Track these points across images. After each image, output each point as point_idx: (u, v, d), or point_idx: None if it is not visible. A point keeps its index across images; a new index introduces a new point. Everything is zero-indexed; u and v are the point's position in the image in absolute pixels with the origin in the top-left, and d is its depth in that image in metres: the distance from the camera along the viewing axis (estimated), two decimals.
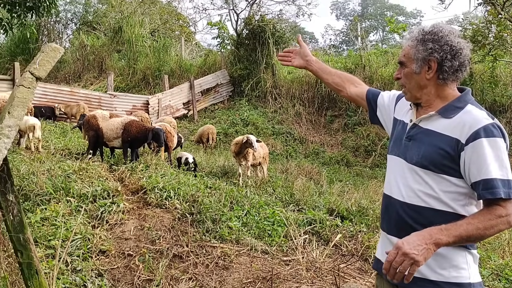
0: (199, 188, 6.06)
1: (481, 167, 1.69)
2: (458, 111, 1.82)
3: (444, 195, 1.79)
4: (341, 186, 9.02)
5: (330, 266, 4.47)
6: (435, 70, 1.85)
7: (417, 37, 1.89)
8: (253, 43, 18.37)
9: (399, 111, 2.11)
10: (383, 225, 2.03)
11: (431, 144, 1.82)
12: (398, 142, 1.99)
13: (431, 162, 1.80)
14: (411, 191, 1.85)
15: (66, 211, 5.02)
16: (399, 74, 1.98)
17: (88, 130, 7.59)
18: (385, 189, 2.03)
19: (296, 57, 2.48)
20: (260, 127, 15.77)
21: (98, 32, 23.05)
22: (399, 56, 1.98)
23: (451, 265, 1.78)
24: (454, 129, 1.78)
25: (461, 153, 1.74)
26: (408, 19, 47.19)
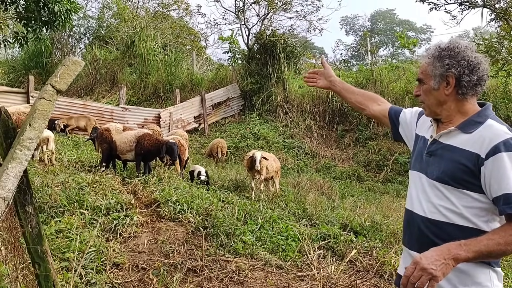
0: (212, 201, 6.04)
1: (502, 181, 1.67)
2: (478, 126, 1.81)
3: (466, 211, 1.77)
4: (353, 201, 8.96)
5: (345, 282, 4.41)
6: (454, 85, 1.85)
7: (433, 54, 1.91)
8: (264, 57, 18.48)
9: (421, 127, 2.11)
10: (404, 240, 2.02)
11: (452, 159, 1.81)
12: (420, 158, 1.98)
13: (451, 177, 1.79)
14: (432, 206, 1.84)
15: (80, 223, 5.02)
16: (418, 91, 1.99)
17: (102, 143, 7.64)
18: (407, 204, 2.02)
19: (321, 78, 2.55)
20: (271, 141, 15.76)
21: (110, 46, 23.35)
22: (418, 73, 2.00)
23: (473, 282, 1.75)
24: (474, 144, 1.77)
25: (481, 168, 1.72)
26: (418, 35, 47.21)
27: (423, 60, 1.98)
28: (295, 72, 19.53)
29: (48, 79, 2.94)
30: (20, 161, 2.78)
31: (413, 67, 19.13)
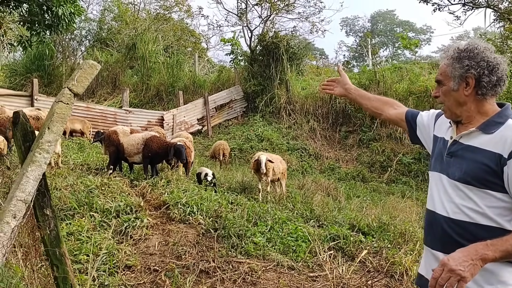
0: (222, 203, 6.06)
1: None
2: (499, 126, 1.83)
3: (489, 210, 1.79)
4: (359, 202, 8.98)
5: (357, 282, 4.43)
6: (473, 86, 1.88)
7: (452, 56, 1.93)
8: (267, 59, 18.49)
9: (439, 128, 2.13)
10: (427, 240, 2.03)
11: (473, 160, 1.83)
12: (440, 159, 2.00)
13: (474, 177, 1.81)
14: (455, 206, 1.86)
15: (90, 226, 5.05)
16: (437, 92, 2.01)
17: (109, 145, 7.66)
18: (428, 205, 2.04)
19: (337, 86, 2.62)
20: (275, 143, 15.78)
21: (111, 48, 23.39)
22: (436, 75, 2.02)
23: (498, 281, 1.76)
24: (496, 144, 1.78)
25: (504, 168, 1.74)
26: (418, 35, 47.22)
27: (442, 61, 1.99)
28: (298, 74, 19.55)
29: (65, 82, 2.96)
30: (40, 164, 2.81)
31: (415, 68, 19.17)
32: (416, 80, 16.83)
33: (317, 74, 22.69)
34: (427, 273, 1.99)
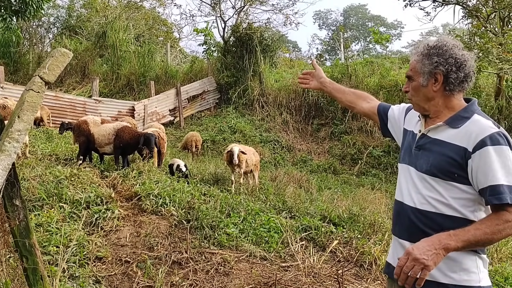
0: (194, 195, 6.05)
1: (488, 174, 1.77)
2: (465, 120, 1.90)
3: (454, 201, 1.86)
4: (330, 194, 9.12)
5: (328, 271, 4.52)
6: (441, 82, 1.94)
7: (422, 52, 1.99)
8: (240, 50, 18.42)
9: (409, 122, 2.20)
10: (395, 230, 2.10)
11: (440, 153, 1.90)
12: (408, 151, 2.07)
13: (440, 170, 1.88)
14: (422, 197, 1.93)
15: (60, 217, 4.96)
16: (407, 87, 2.07)
17: (79, 135, 7.49)
18: (396, 196, 2.11)
19: (313, 80, 2.65)
20: (248, 135, 15.79)
21: (81, 36, 22.80)
22: (407, 71, 2.07)
23: (461, 268, 1.85)
24: (462, 138, 1.86)
25: (468, 161, 1.82)
26: (389, 30, 47.96)
27: (412, 58, 2.05)
28: (271, 66, 19.58)
29: (36, 70, 2.89)
30: (9, 154, 2.73)
31: (386, 62, 19.50)
32: (386, 74, 17.13)
33: (290, 66, 22.77)
34: (394, 261, 2.04)
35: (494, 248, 6.17)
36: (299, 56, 36.66)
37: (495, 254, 6.06)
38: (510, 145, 1.82)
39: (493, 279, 4.79)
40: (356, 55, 24.35)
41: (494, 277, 4.84)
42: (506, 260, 5.85)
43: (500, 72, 11.03)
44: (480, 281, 1.85)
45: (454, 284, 1.84)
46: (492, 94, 13.70)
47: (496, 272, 5.00)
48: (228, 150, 8.05)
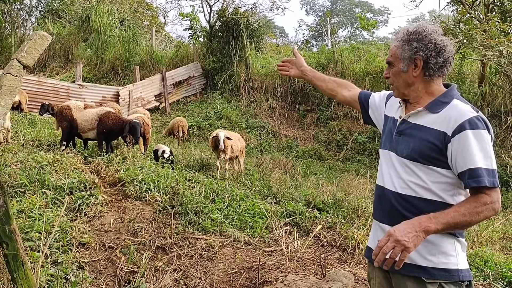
0: (179, 180, 6.03)
1: (467, 157, 1.79)
2: (444, 105, 1.93)
3: (434, 186, 1.89)
4: (315, 179, 9.19)
5: (311, 256, 4.58)
6: (421, 67, 1.96)
7: (402, 38, 2.00)
8: (226, 35, 18.25)
9: (390, 108, 2.22)
10: (375, 214, 2.12)
11: (420, 138, 1.92)
12: (389, 137, 2.09)
13: (420, 155, 1.90)
14: (403, 182, 1.95)
15: (42, 203, 4.91)
16: (388, 73, 2.08)
17: (62, 121, 7.38)
18: (378, 181, 2.14)
19: (293, 67, 2.66)
20: (234, 121, 15.75)
21: (64, 20, 22.34)
22: (387, 57, 2.08)
23: (440, 251, 1.88)
24: (441, 123, 1.88)
25: (447, 145, 1.85)
26: (376, 16, 47.98)
27: (392, 43, 2.07)
28: (257, 52, 19.46)
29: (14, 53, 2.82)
30: None
31: (372, 48, 19.52)
32: (372, 60, 17.16)
33: (276, 52, 22.66)
34: (375, 245, 2.07)
35: (474, 232, 6.31)
36: (285, 42, 36.53)
37: (475, 238, 6.20)
38: (488, 129, 1.85)
39: (473, 262, 4.90)
40: (343, 41, 24.36)
41: (474, 260, 4.95)
42: (486, 244, 6.00)
43: (484, 59, 11.14)
44: (458, 263, 1.89)
45: (433, 267, 1.88)
46: (476, 80, 13.85)
47: (476, 255, 5.12)
48: (213, 136, 8.02)
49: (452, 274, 1.87)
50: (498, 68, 11.95)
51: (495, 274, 4.59)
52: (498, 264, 4.77)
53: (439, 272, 1.87)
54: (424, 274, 1.88)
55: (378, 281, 2.10)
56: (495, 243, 6.20)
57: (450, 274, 1.87)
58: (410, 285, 1.91)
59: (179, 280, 3.96)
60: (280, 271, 4.07)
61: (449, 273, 1.87)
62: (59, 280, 3.62)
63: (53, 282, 3.59)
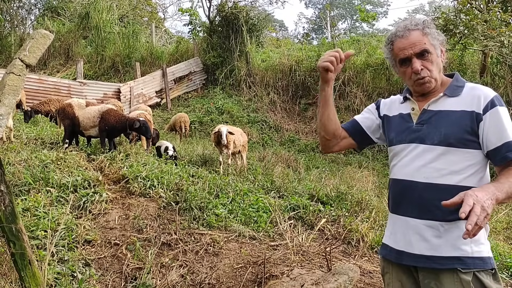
0: (182, 176, 6.04)
1: (502, 132, 1.81)
2: (461, 89, 1.95)
3: (468, 169, 1.87)
4: (318, 173, 9.18)
5: (316, 249, 4.59)
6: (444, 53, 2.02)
7: (428, 26, 1.99)
8: (226, 30, 18.20)
9: (389, 110, 2.18)
10: (399, 209, 2.01)
11: (451, 122, 1.90)
12: (406, 131, 2.02)
13: (454, 138, 1.87)
14: (435, 171, 1.89)
15: (47, 201, 4.93)
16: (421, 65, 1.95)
17: (64, 118, 7.40)
18: (399, 175, 2.02)
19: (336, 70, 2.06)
20: (235, 116, 15.74)
21: (63, 18, 22.30)
22: (416, 47, 1.95)
23: (472, 240, 1.81)
24: (467, 103, 1.89)
25: (480, 124, 1.85)
26: (376, 8, 47.76)
27: (412, 34, 1.97)
28: (257, 46, 19.40)
29: (17, 53, 2.82)
30: None
31: (373, 40, 19.44)
32: (373, 53, 17.09)
33: (277, 46, 22.60)
34: (393, 243, 2.02)
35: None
36: (285, 35, 36.43)
37: None
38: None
39: None
40: (343, 34, 24.25)
41: None
42: (490, 235, 5.93)
43: (485, 49, 11.11)
44: (488, 251, 1.87)
45: (468, 256, 1.83)
46: (477, 71, 13.80)
47: None
48: (215, 131, 8.02)
49: (486, 262, 1.84)
50: (500, 58, 11.90)
51: (499, 264, 4.59)
52: (503, 255, 4.78)
53: (474, 261, 1.82)
54: (459, 265, 1.82)
55: (395, 275, 2.03)
56: (499, 234, 6.21)
57: (484, 262, 1.84)
58: (444, 278, 1.84)
59: (185, 275, 3.98)
60: (285, 265, 4.09)
61: (483, 261, 1.83)
62: (66, 278, 3.64)
63: (60, 280, 3.61)
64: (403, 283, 2.00)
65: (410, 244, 1.93)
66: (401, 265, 1.99)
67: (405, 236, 1.95)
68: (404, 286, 1.99)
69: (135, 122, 7.04)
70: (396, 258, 1.99)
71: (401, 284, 2.00)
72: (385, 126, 2.17)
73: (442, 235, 1.86)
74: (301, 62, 17.39)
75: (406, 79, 2.04)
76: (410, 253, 1.92)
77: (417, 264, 1.91)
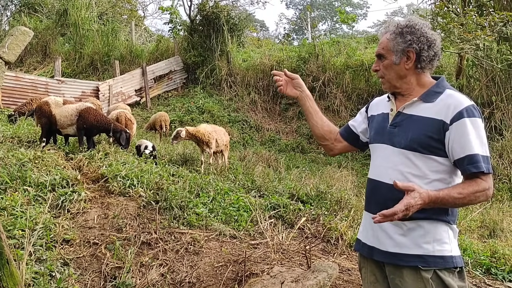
0: (163, 175, 6.02)
1: (466, 144, 1.85)
2: (438, 95, 1.98)
3: (432, 175, 1.93)
4: (298, 172, 9.25)
5: (296, 248, 4.64)
6: (414, 60, 2.01)
7: (395, 31, 2.03)
8: (207, 29, 18.15)
9: (375, 108, 2.25)
10: (369, 207, 2.11)
11: (418, 128, 1.95)
12: (381, 131, 2.10)
13: (419, 144, 1.93)
14: (399, 174, 1.96)
15: (24, 200, 4.85)
16: (377, 66, 2.10)
17: (40, 117, 7.26)
18: (370, 175, 2.13)
19: (289, 85, 2.41)
20: (216, 115, 15.72)
21: (40, 14, 21.90)
22: (377, 49, 2.09)
23: (434, 239, 1.91)
24: (438, 111, 1.93)
25: (446, 133, 1.90)
26: (355, 10, 48.30)
27: (384, 36, 2.08)
28: (238, 45, 19.41)
29: None
30: None
31: (352, 42, 19.66)
32: (353, 54, 17.29)
33: (258, 46, 22.63)
34: (365, 239, 2.11)
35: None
36: (266, 36, 36.53)
37: None
38: (482, 118, 1.93)
39: None
40: (323, 35, 24.44)
41: None
42: (464, 233, 6.16)
43: (461, 52, 11.36)
44: (452, 250, 1.93)
45: (428, 255, 1.90)
46: (454, 73, 14.11)
47: None
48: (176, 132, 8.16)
49: (447, 261, 1.90)
50: (475, 61, 12.20)
51: (473, 261, 4.72)
52: (477, 252, 4.91)
53: (435, 260, 1.89)
54: (420, 263, 1.90)
55: (370, 269, 2.11)
56: (473, 232, 6.37)
57: (445, 260, 1.90)
58: (406, 274, 1.92)
59: (166, 274, 3.98)
60: (266, 263, 4.12)
61: (444, 260, 1.90)
62: (44, 277, 3.59)
63: (38, 280, 3.57)
64: (377, 277, 2.08)
65: (378, 240, 2.02)
66: (373, 260, 2.07)
67: (374, 232, 2.04)
68: (378, 280, 2.08)
69: (122, 133, 7.03)
70: (368, 253, 2.08)
71: (375, 278, 2.09)
72: (369, 124, 2.25)
73: (406, 234, 1.93)
74: (282, 62, 17.48)
75: None
76: (379, 249, 2.01)
77: (384, 260, 1.99)
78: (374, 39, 21.07)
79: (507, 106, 11.09)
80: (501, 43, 11.47)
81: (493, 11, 10.39)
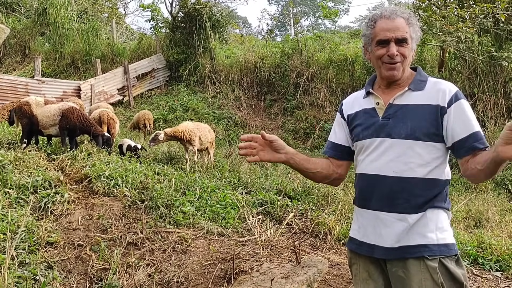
0: (148, 174, 5.92)
1: (467, 123, 1.87)
2: (424, 83, 1.99)
3: (433, 162, 1.91)
4: (285, 168, 9.22)
5: (284, 243, 4.61)
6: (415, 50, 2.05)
7: (413, 18, 2.01)
8: (189, 26, 17.99)
9: (351, 108, 2.17)
10: (369, 204, 2.01)
11: (417, 116, 1.93)
12: (372, 125, 2.03)
13: (421, 132, 1.90)
14: (403, 164, 1.91)
15: (5, 203, 4.73)
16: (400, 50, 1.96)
17: (21, 117, 7.10)
18: (366, 170, 2.03)
19: (264, 150, 2.06)
20: (201, 113, 15.60)
21: (19, 14, 21.47)
22: (399, 33, 1.96)
23: (437, 227, 1.88)
24: (431, 97, 1.93)
25: (444, 116, 1.89)
26: (337, 5, 48.42)
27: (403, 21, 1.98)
28: (221, 42, 19.29)
29: None
30: None
31: (335, 37, 19.70)
32: (336, 49, 17.32)
33: (241, 42, 22.56)
34: (361, 236, 2.04)
35: None
36: (249, 32, 36.45)
37: None
38: None
39: None
40: (306, 30, 24.44)
41: None
42: (451, 224, 6.21)
43: (443, 45, 11.46)
44: (451, 238, 1.92)
45: (433, 243, 1.86)
46: (436, 66, 14.24)
47: None
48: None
49: (450, 248, 1.89)
50: (457, 53, 12.32)
51: (461, 252, 4.75)
52: (464, 243, 4.95)
53: (439, 248, 1.86)
54: (426, 252, 1.86)
55: (362, 266, 2.05)
56: (459, 223, 6.44)
57: (449, 248, 1.88)
58: (411, 265, 1.87)
59: (153, 274, 3.91)
60: (255, 260, 4.08)
61: (447, 247, 1.88)
62: (27, 281, 3.50)
63: (21, 284, 3.47)
64: (370, 273, 2.02)
65: (381, 237, 1.94)
66: (368, 257, 2.02)
67: (375, 229, 1.97)
68: (372, 276, 2.02)
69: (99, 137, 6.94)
70: (368, 251, 2.00)
71: (368, 274, 2.03)
72: (349, 124, 2.16)
73: (411, 226, 1.89)
74: (265, 58, 17.44)
75: (375, 61, 2.04)
76: (382, 246, 1.94)
77: (388, 256, 1.93)
78: (356, 33, 21.14)
79: (489, 98, 11.23)
80: (482, 35, 11.60)
81: (474, 4, 10.48)
